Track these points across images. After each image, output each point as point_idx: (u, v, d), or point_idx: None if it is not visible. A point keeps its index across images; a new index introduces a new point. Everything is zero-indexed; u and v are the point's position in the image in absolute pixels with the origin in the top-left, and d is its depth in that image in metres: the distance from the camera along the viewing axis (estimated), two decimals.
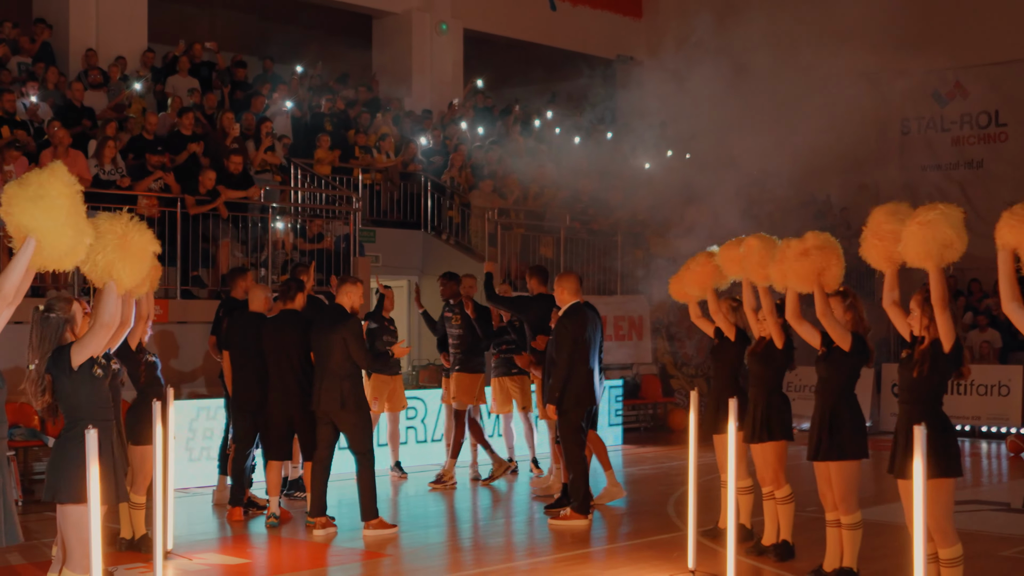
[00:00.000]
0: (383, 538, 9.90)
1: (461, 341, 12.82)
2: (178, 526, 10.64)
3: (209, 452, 12.47)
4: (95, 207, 13.74)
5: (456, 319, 12.85)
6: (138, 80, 17.98)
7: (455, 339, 12.93)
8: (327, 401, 10.01)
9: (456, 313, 12.88)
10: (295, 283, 10.74)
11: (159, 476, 7.99)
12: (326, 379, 10.02)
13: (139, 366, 8.97)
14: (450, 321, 12.98)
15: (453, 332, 12.95)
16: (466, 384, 12.67)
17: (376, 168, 18.73)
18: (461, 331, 12.81)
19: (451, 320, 12.97)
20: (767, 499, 8.86)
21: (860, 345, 7.67)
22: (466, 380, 12.69)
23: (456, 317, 12.85)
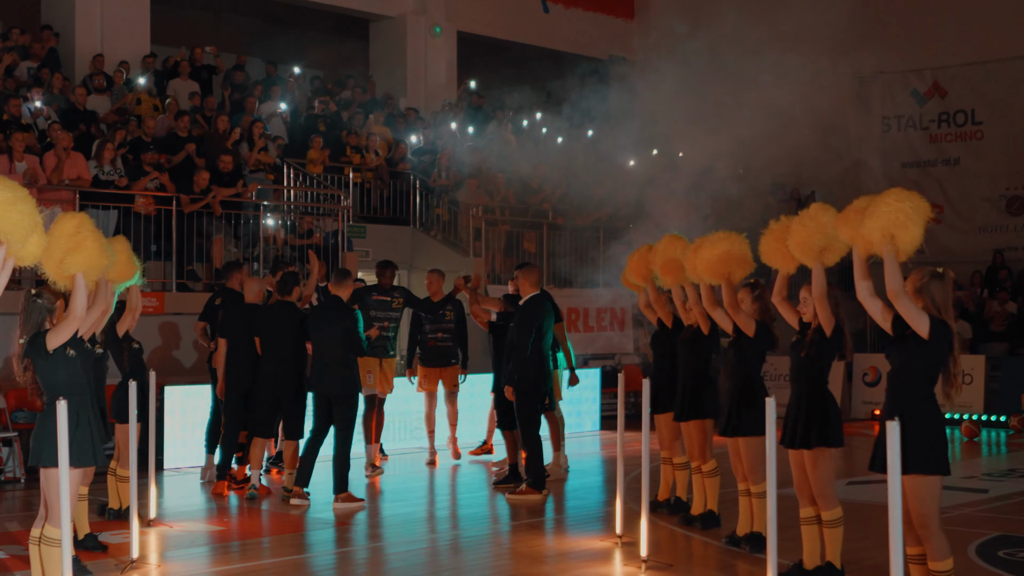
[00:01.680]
0: (351, 510, 10.78)
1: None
2: (167, 500, 11.62)
3: (200, 434, 13.36)
4: (95, 206, 14.84)
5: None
6: (143, 75, 18.89)
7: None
8: (328, 384, 10.97)
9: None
10: (291, 278, 11.66)
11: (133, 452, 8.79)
12: (327, 364, 10.99)
13: (123, 352, 9.85)
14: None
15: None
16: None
17: (366, 167, 19.61)
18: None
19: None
20: (695, 473, 9.72)
21: (764, 332, 8.52)
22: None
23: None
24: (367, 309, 12.84)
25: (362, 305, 12.81)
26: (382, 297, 13.28)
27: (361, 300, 12.92)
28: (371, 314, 12.92)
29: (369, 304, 13.04)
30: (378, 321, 12.96)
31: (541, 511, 10.91)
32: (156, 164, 15.76)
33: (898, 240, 6.36)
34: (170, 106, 17.99)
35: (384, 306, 13.25)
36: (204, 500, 11.55)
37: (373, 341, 12.48)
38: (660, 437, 10.37)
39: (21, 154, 14.33)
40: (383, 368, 13.17)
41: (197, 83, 19.62)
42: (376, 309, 13.12)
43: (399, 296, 13.43)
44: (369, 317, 12.75)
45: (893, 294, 6.39)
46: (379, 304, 13.21)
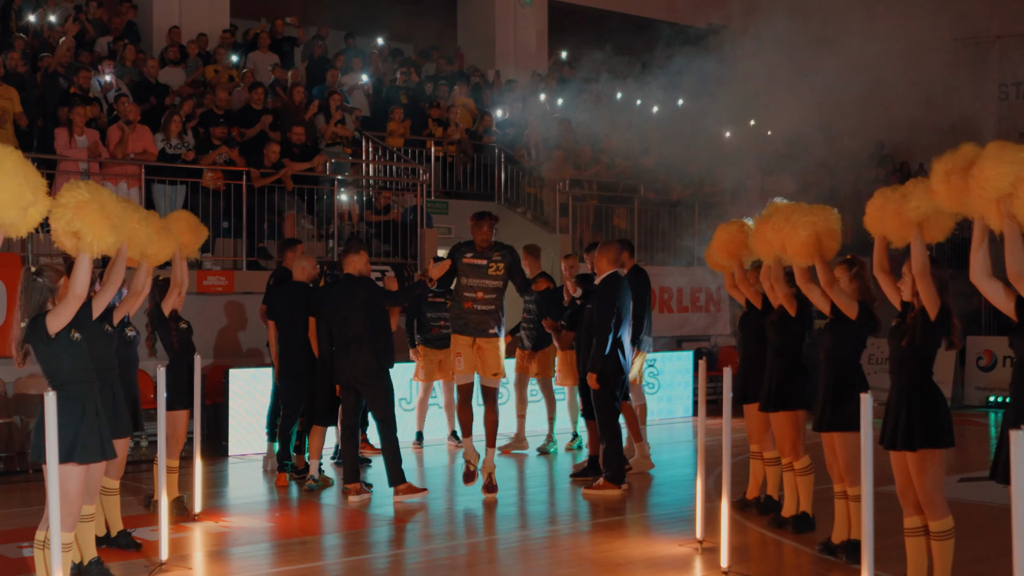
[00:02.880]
0: (413, 503, 10.02)
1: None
2: (227, 490, 11.00)
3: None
4: (161, 181, 14.28)
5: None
6: (235, 51, 18.39)
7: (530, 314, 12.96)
8: (349, 369, 10.21)
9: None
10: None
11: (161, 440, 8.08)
12: (346, 348, 10.21)
13: (171, 332, 9.20)
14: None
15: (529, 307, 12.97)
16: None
17: (448, 140, 18.83)
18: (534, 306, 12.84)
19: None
20: (786, 470, 8.76)
21: (866, 314, 7.52)
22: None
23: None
24: (458, 275, 10.28)
25: (452, 266, 10.36)
26: (476, 260, 10.17)
27: (449, 273, 10.44)
28: (463, 282, 10.18)
29: (460, 269, 10.21)
30: (470, 291, 10.13)
31: (619, 508, 10.02)
32: (226, 138, 15.14)
33: (1019, 204, 5.35)
34: (246, 77, 17.39)
35: (478, 271, 10.18)
36: (261, 492, 10.89)
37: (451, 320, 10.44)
38: (749, 429, 9.42)
39: (82, 128, 13.79)
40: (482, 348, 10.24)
41: (277, 55, 19.03)
42: (467, 275, 10.16)
43: (500, 259, 10.18)
44: (461, 286, 10.21)
45: (1015, 275, 5.41)
46: (471, 269, 10.16)
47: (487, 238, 10.13)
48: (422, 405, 13.46)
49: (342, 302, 10.25)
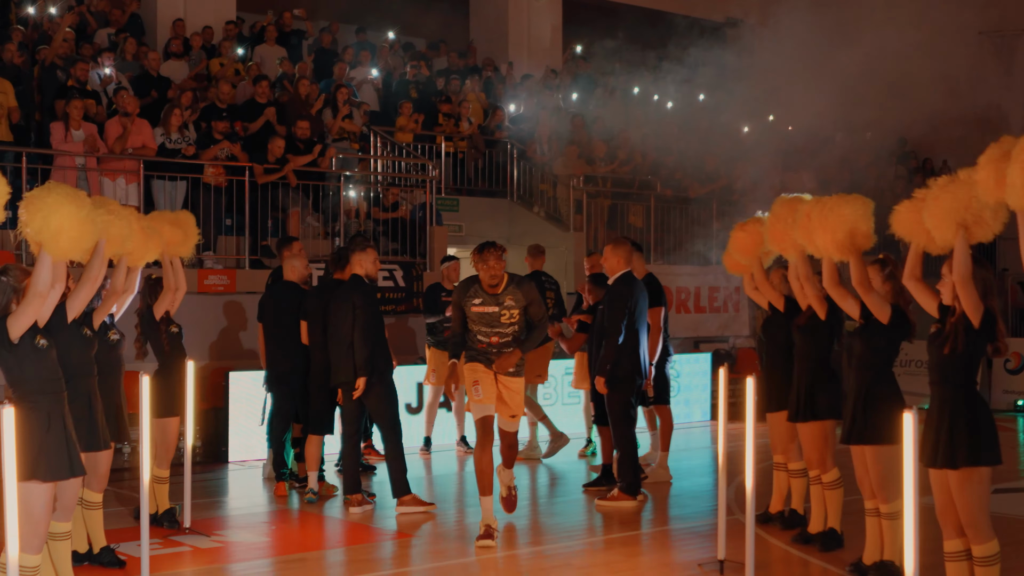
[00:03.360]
0: (417, 517, 9.51)
1: None
2: (222, 499, 10.51)
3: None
4: (161, 177, 13.80)
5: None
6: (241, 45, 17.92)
7: None
8: (346, 373, 9.65)
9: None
10: (347, 252, 10.38)
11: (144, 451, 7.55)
12: (343, 350, 9.64)
13: (161, 336, 8.72)
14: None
15: None
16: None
17: (459, 136, 18.31)
18: None
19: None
20: (814, 483, 8.22)
21: (899, 318, 6.98)
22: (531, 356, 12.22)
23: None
24: (465, 319, 10.11)
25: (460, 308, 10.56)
26: (485, 309, 8.63)
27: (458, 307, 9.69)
28: (473, 328, 8.66)
29: (469, 316, 8.71)
30: (484, 336, 8.63)
31: (635, 521, 9.49)
32: (229, 133, 14.64)
33: None
34: (251, 70, 16.90)
35: (489, 320, 8.67)
36: (259, 502, 10.39)
37: None
38: (773, 439, 8.86)
39: (79, 122, 13.32)
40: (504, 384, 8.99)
41: (285, 49, 18.54)
42: (478, 323, 8.67)
43: (514, 305, 8.59)
44: (472, 332, 8.71)
45: None
46: (481, 318, 8.66)
47: (496, 274, 8.42)
48: (431, 409, 12.94)
49: (343, 303, 9.71)
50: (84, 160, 13.37)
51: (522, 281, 8.51)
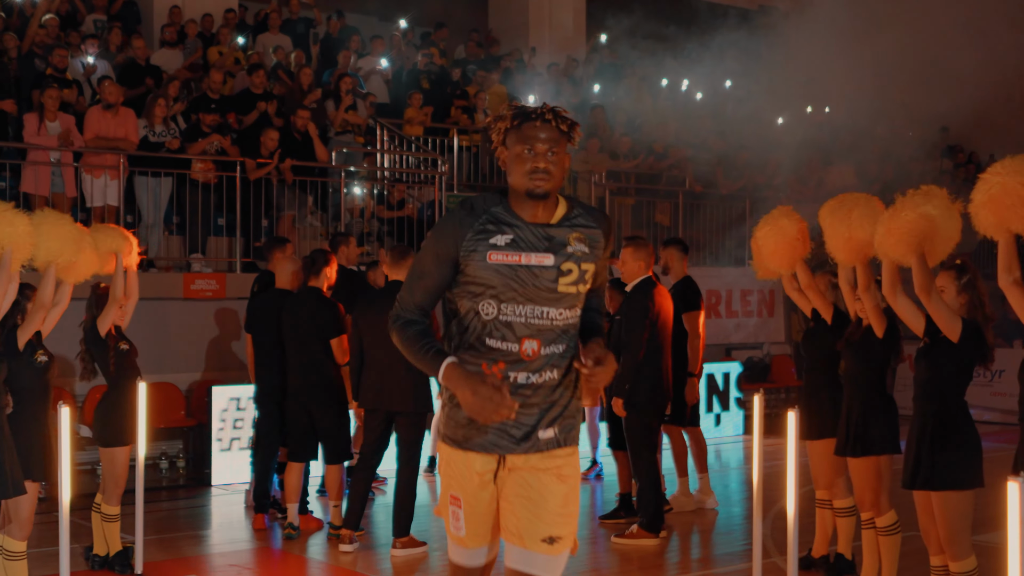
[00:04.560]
0: (412, 558, 8.34)
1: None
2: (190, 534, 9.37)
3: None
4: (143, 172, 12.69)
5: None
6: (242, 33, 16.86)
7: None
8: (389, 397, 8.32)
9: None
10: (321, 256, 9.20)
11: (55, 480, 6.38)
12: (384, 371, 8.28)
13: (108, 354, 7.57)
14: None
15: None
16: None
17: (473, 129, 17.12)
18: None
19: None
20: (866, 527, 6.99)
21: (974, 336, 5.74)
22: None
23: None
24: None
25: None
26: None
27: None
28: None
29: None
30: None
31: (657, 563, 8.28)
32: (219, 126, 13.50)
33: None
34: (251, 59, 15.78)
35: None
36: (234, 536, 9.22)
37: None
38: (815, 472, 7.61)
39: (54, 113, 12.21)
40: None
41: (290, 38, 17.41)
42: None
43: None
44: None
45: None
46: None
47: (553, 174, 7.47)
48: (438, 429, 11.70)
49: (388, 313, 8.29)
50: (60, 155, 12.28)
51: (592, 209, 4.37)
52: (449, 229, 3.95)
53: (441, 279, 3.99)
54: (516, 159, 3.91)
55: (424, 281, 4.02)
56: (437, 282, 4.00)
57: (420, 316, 4.03)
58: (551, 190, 3.90)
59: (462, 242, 3.91)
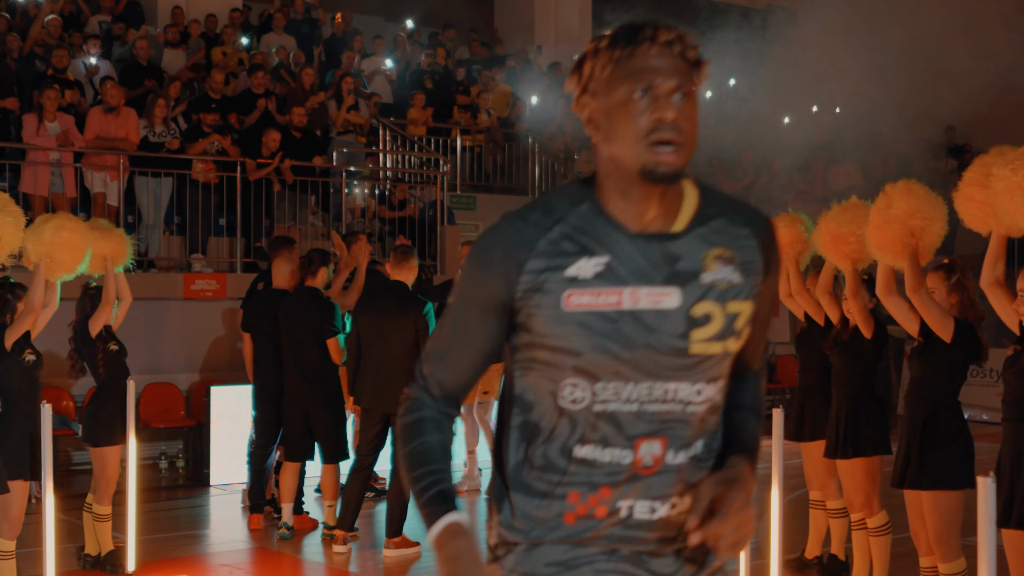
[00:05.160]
0: (405, 559, 8.32)
1: None
2: (186, 533, 9.37)
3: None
4: (144, 172, 12.70)
5: None
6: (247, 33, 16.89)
7: None
8: (384, 397, 8.26)
9: None
10: (319, 256, 9.19)
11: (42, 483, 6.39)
12: (385, 372, 8.26)
13: (98, 354, 7.57)
14: None
15: None
16: None
17: (476, 129, 17.10)
18: None
19: None
20: (857, 528, 6.95)
21: (966, 336, 5.71)
22: None
23: None
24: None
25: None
26: None
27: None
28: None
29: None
30: None
31: None
32: (219, 126, 13.50)
33: None
34: (254, 59, 15.79)
35: None
36: (230, 537, 9.21)
37: None
38: (808, 472, 7.58)
39: (53, 113, 12.23)
40: None
41: (295, 38, 17.42)
42: None
43: None
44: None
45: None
46: None
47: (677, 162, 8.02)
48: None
49: (391, 315, 8.32)
50: (59, 155, 12.30)
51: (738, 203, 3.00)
52: (497, 254, 2.31)
53: (484, 343, 2.39)
54: (619, 111, 2.29)
55: (455, 346, 2.41)
56: (478, 348, 2.40)
57: (441, 407, 2.45)
58: (682, 167, 2.29)
59: (519, 275, 2.29)
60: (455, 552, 2.26)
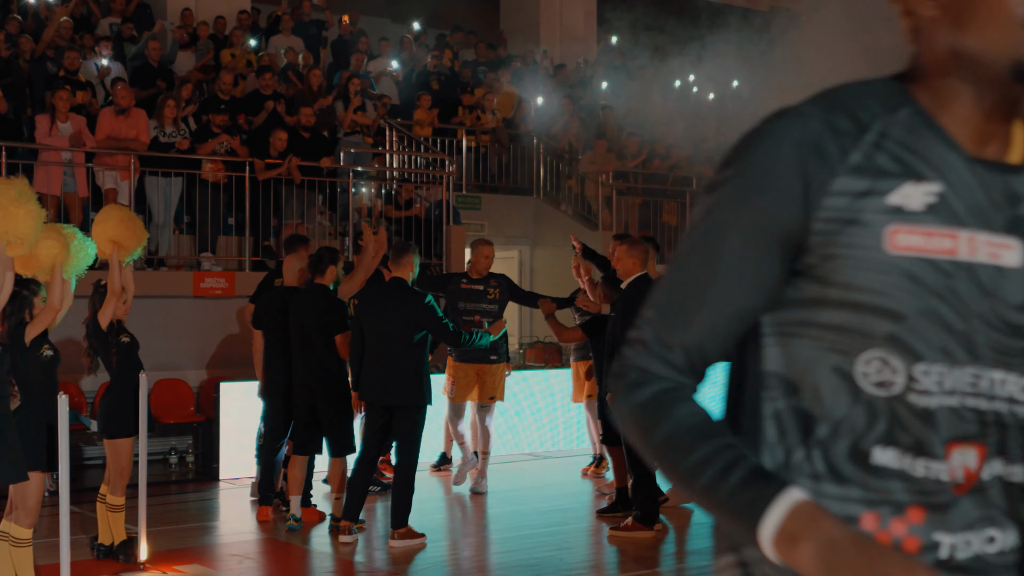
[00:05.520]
0: (410, 549, 8.52)
1: None
2: (196, 525, 9.58)
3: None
4: (154, 172, 12.92)
5: None
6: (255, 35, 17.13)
7: None
8: (388, 392, 8.52)
9: None
10: (327, 254, 9.40)
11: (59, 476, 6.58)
12: (386, 366, 8.50)
13: (111, 348, 7.78)
14: None
15: None
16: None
17: (481, 129, 17.31)
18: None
19: None
20: None
21: None
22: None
23: None
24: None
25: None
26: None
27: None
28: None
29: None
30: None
31: (650, 556, 8.44)
32: (228, 126, 13.72)
33: None
34: (261, 60, 16.01)
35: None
36: (237, 528, 9.41)
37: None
38: None
39: (66, 114, 12.45)
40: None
41: (302, 40, 17.64)
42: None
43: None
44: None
45: None
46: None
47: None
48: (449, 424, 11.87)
49: (390, 309, 8.56)
50: (71, 155, 12.52)
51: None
52: (786, 164, 1.69)
53: (750, 294, 1.72)
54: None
55: (703, 297, 1.75)
56: (739, 302, 1.73)
57: (683, 377, 1.77)
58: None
59: (822, 198, 1.67)
60: (834, 536, 1.51)
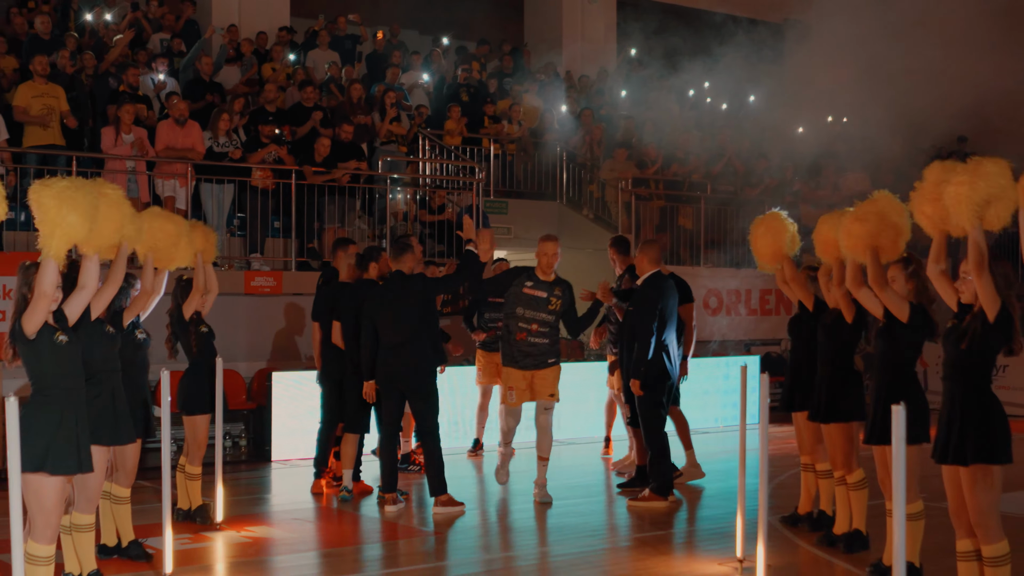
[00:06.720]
0: (451, 515, 9.57)
1: None
2: (257, 497, 10.64)
3: (309, 423, 12.36)
4: (208, 180, 14.01)
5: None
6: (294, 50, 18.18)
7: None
8: (398, 376, 9.68)
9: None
10: (369, 253, 10.55)
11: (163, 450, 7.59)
12: (398, 351, 9.65)
13: (191, 336, 8.87)
14: None
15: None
16: None
17: (507, 138, 18.37)
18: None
19: None
20: (838, 484, 8.16)
21: (921, 316, 6.92)
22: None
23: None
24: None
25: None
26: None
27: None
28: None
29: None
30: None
31: (665, 522, 9.47)
32: (275, 137, 14.82)
33: None
34: (297, 75, 17.11)
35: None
36: (296, 500, 10.47)
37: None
38: (799, 439, 8.85)
39: (129, 126, 13.56)
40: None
41: (338, 54, 18.73)
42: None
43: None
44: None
45: None
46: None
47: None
48: (482, 411, 12.96)
49: (394, 300, 9.71)
50: (134, 164, 13.62)
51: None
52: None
53: None
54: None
55: None
56: None
57: None
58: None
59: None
60: None
